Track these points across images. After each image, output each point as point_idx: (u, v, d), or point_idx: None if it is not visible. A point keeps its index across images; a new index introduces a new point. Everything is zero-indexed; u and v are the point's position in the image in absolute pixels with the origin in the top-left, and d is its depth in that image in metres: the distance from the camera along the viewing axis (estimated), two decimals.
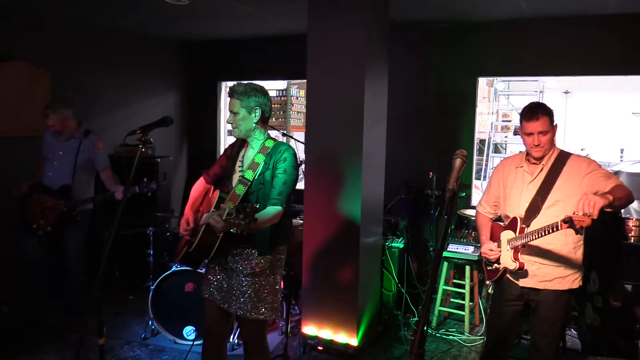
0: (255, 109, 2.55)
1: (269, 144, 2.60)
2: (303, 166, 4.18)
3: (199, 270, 3.62)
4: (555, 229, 2.26)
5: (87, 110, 5.33)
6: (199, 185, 2.82)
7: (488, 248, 2.72)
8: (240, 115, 2.54)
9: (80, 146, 3.91)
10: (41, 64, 4.85)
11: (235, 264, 2.57)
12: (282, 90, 7.94)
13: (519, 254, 2.56)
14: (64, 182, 3.86)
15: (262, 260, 2.56)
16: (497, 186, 2.79)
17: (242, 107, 2.53)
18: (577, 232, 2.09)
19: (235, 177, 2.61)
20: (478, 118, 5.45)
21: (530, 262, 2.57)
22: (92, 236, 4.15)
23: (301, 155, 4.43)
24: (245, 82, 2.60)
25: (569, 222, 2.08)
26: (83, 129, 3.99)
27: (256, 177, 2.53)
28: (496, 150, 8.16)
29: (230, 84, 7.25)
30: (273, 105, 9.33)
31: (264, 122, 2.61)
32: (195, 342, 3.45)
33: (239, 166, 2.64)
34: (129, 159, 5.17)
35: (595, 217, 2.04)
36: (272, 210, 2.43)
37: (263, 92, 2.59)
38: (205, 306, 2.71)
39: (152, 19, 5.18)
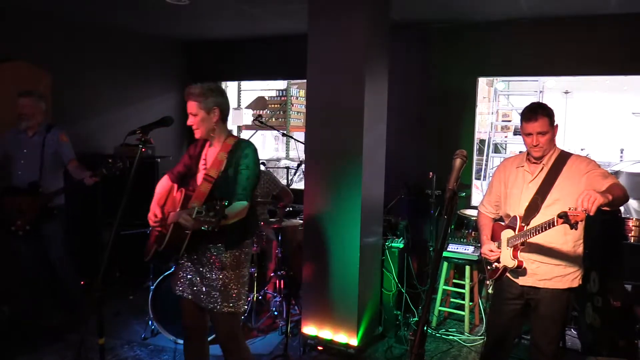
0: (214, 109, 2.60)
1: (231, 141, 2.66)
2: (303, 166, 4.19)
3: None
4: (551, 225, 2.27)
5: (87, 110, 5.34)
6: (164, 183, 2.83)
7: (488, 249, 2.73)
8: (200, 116, 2.58)
9: (45, 141, 3.94)
10: (41, 64, 4.85)
11: (204, 259, 2.63)
12: (282, 90, 7.94)
13: (518, 252, 2.57)
14: (32, 179, 3.89)
15: (229, 255, 2.62)
16: (499, 186, 2.80)
17: (200, 108, 2.57)
18: (571, 227, 2.10)
19: (200, 176, 2.66)
20: (478, 118, 5.46)
21: (530, 261, 2.58)
22: (69, 230, 4.18)
23: (301, 155, 4.44)
24: (203, 83, 2.63)
25: (563, 217, 2.09)
26: (45, 124, 4.01)
27: (220, 175, 2.58)
28: (496, 150, 8.16)
29: (230, 83, 7.27)
30: (274, 106, 9.28)
31: (223, 120, 2.67)
32: None
33: (203, 165, 2.68)
34: (129, 159, 5.20)
35: (592, 214, 2.05)
36: (239, 205, 2.49)
37: (220, 91, 2.65)
38: (181, 305, 2.77)
39: (152, 19, 5.18)
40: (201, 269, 2.64)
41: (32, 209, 3.85)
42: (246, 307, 2.74)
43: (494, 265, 2.73)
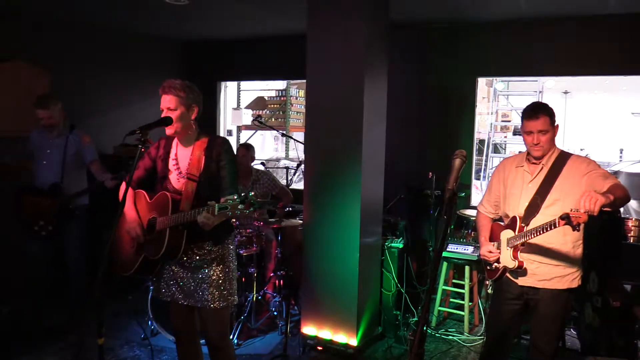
0: (193, 107, 2.59)
1: (204, 139, 2.64)
2: (302, 166, 4.18)
3: None
4: (553, 227, 2.27)
5: (87, 110, 5.34)
6: (129, 191, 2.75)
7: (487, 250, 2.73)
8: (179, 112, 2.54)
9: (67, 142, 3.95)
10: (41, 64, 4.85)
11: (193, 258, 2.62)
12: (282, 91, 7.94)
13: (518, 252, 2.57)
14: (54, 180, 3.90)
15: (216, 250, 2.63)
16: (498, 185, 2.80)
17: (181, 104, 2.54)
18: (574, 228, 2.10)
19: (174, 177, 2.63)
20: (477, 118, 5.46)
21: (530, 261, 2.58)
22: (91, 232, 4.18)
23: (301, 155, 4.44)
24: (177, 80, 2.59)
25: (566, 218, 2.09)
26: (68, 125, 4.02)
27: (202, 172, 2.57)
28: (495, 150, 8.15)
29: (230, 83, 7.26)
30: (273, 106, 9.24)
31: (197, 119, 2.65)
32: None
33: (175, 165, 2.64)
34: (128, 159, 5.21)
35: (595, 214, 2.05)
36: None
37: (198, 90, 2.64)
38: (170, 309, 2.76)
39: (152, 19, 5.18)
40: (191, 269, 2.63)
41: (53, 210, 3.87)
42: (236, 299, 2.75)
43: (493, 266, 2.73)
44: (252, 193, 2.25)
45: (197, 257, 2.62)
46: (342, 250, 3.74)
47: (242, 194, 2.23)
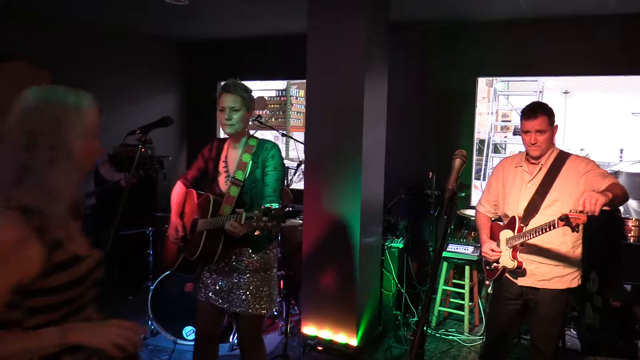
0: (251, 109, 2.60)
1: (253, 142, 2.62)
2: (302, 166, 4.18)
3: None
4: (552, 227, 2.27)
5: None
6: (179, 190, 2.78)
7: (489, 248, 2.72)
8: (241, 112, 2.53)
9: None
10: (41, 64, 4.85)
11: (234, 264, 2.59)
12: (282, 90, 7.95)
13: (518, 252, 2.57)
14: None
15: (257, 258, 2.60)
16: (497, 185, 2.80)
17: (244, 105, 2.53)
18: (573, 229, 2.10)
19: (222, 179, 2.61)
20: (477, 118, 5.46)
21: (529, 261, 2.58)
22: (93, 231, 4.19)
23: (301, 155, 4.45)
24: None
25: (565, 219, 2.09)
26: None
27: (247, 177, 2.54)
28: (496, 150, 8.16)
29: None
30: (273, 106, 9.29)
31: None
32: None
33: (224, 167, 2.63)
34: (128, 159, 5.21)
35: (596, 214, 2.05)
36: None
37: None
38: (199, 309, 2.73)
39: (152, 19, 5.19)
40: (231, 274, 2.60)
41: None
42: (276, 307, 2.71)
43: (492, 266, 2.72)
44: (276, 206, 2.16)
45: (239, 264, 2.58)
46: (342, 250, 3.74)
47: (266, 206, 2.15)
